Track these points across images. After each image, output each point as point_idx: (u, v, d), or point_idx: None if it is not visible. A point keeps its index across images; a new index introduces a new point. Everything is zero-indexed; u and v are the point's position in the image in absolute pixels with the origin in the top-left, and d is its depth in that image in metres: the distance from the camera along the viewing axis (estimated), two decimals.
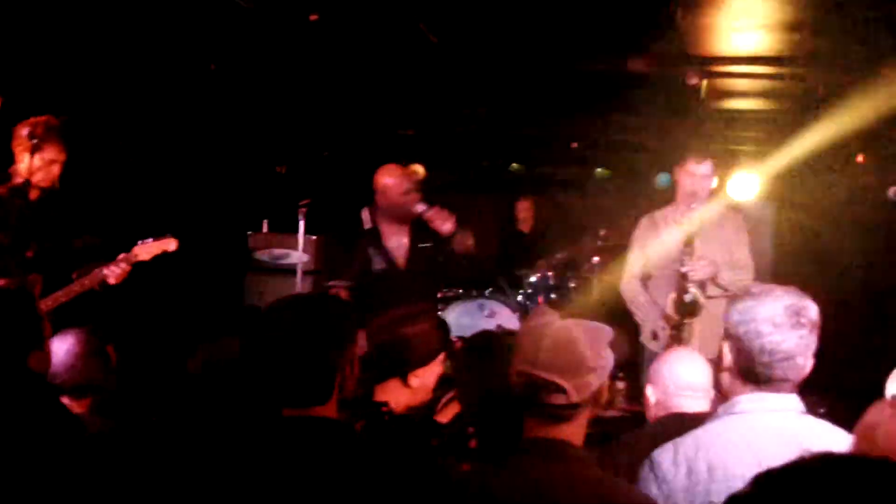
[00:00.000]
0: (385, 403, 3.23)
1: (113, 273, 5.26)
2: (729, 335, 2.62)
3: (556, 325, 2.58)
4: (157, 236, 5.47)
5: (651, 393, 3.76)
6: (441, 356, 3.44)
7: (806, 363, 2.56)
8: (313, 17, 5.91)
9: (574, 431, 2.53)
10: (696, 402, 3.62)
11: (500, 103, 8.95)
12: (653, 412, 3.76)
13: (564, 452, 2.50)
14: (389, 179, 5.94)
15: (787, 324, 2.51)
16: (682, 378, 3.67)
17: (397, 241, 6.06)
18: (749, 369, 2.57)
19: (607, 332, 2.63)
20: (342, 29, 6.32)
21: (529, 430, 2.55)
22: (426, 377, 3.39)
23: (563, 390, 2.48)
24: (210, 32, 6.32)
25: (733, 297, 2.68)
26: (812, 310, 2.56)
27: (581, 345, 2.52)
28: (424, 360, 3.38)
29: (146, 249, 5.44)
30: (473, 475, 2.71)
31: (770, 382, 2.56)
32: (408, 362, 3.34)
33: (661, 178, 10.02)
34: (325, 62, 7.11)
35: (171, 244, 5.53)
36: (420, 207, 5.83)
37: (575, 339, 2.53)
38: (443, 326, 3.56)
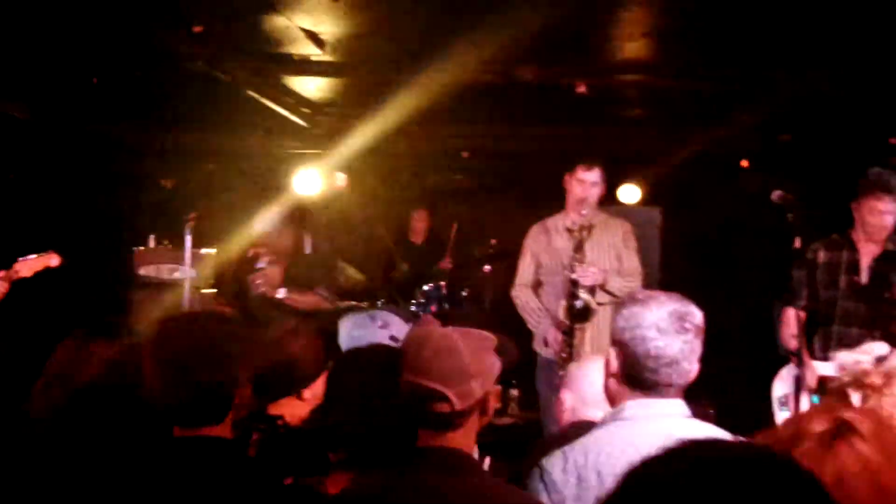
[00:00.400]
0: (280, 417, 3.22)
1: None
2: (615, 341, 2.63)
3: (437, 333, 2.59)
4: (39, 253, 5.32)
5: (567, 398, 3.73)
6: (330, 364, 3.39)
7: (691, 368, 2.58)
8: (198, 30, 5.83)
9: (462, 440, 2.51)
10: None
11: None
12: (567, 417, 3.75)
13: (453, 462, 2.48)
14: None
15: (671, 329, 2.53)
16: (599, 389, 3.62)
17: None
18: (635, 375, 2.58)
19: (490, 339, 2.64)
20: (224, 39, 6.24)
21: (420, 440, 2.53)
22: (318, 387, 3.36)
23: (445, 398, 2.47)
24: (91, 44, 6.18)
25: (618, 304, 2.69)
26: (696, 315, 2.58)
27: (462, 352, 2.52)
28: (314, 374, 3.36)
29: (27, 266, 5.30)
30: (364, 488, 2.68)
31: (656, 388, 2.57)
32: (299, 380, 3.33)
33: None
34: (208, 73, 7.00)
35: (52, 259, 5.39)
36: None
37: (455, 347, 2.53)
38: (324, 335, 3.56)
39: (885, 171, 5.32)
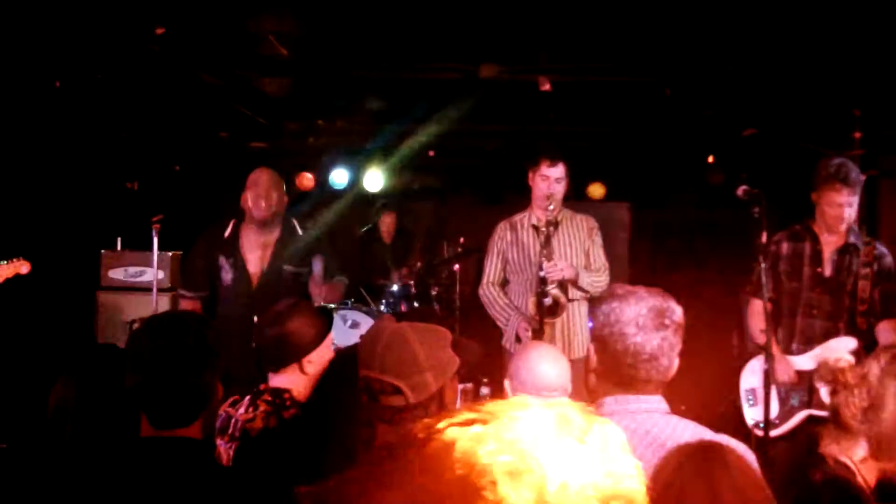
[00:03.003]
0: (287, 391, 3.48)
1: None
2: (595, 337, 2.64)
3: (390, 328, 2.64)
4: (8, 258, 5.28)
5: (509, 388, 3.73)
6: (329, 337, 3.64)
7: (671, 364, 2.59)
8: (159, 31, 5.80)
9: None
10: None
11: (356, 112, 8.94)
12: None
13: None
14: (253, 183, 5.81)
15: (650, 325, 2.54)
16: (540, 377, 3.62)
17: (257, 254, 5.82)
18: (615, 370, 2.59)
19: (444, 333, 2.70)
20: (188, 42, 6.22)
21: (380, 436, 2.55)
22: (319, 360, 3.58)
23: (399, 391, 2.49)
24: (53, 49, 6.14)
25: (598, 299, 2.70)
26: (676, 311, 2.59)
27: (414, 345, 2.57)
28: (315, 343, 3.56)
29: None
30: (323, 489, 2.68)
31: (635, 383, 2.58)
32: (301, 349, 3.53)
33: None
34: (173, 76, 6.98)
35: (23, 267, 5.36)
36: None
37: (407, 340, 2.58)
38: (322, 311, 3.78)
39: (844, 161, 5.33)
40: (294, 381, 3.54)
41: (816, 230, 5.46)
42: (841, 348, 5.22)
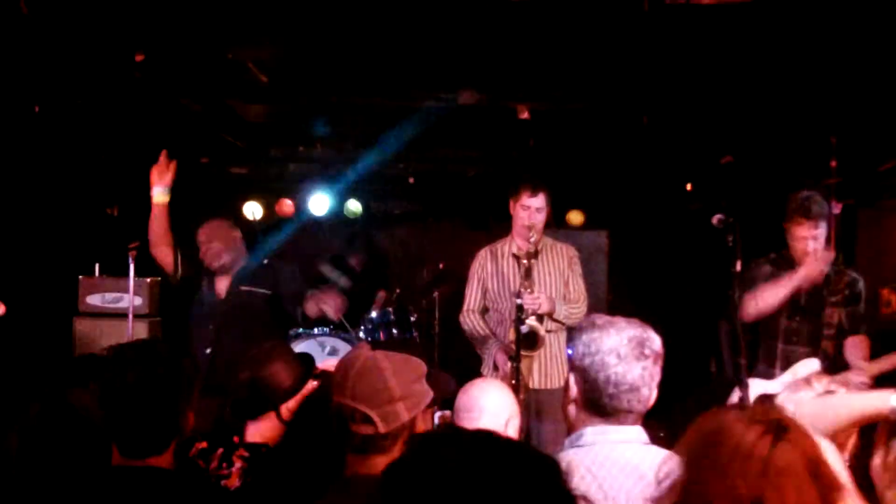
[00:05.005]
0: (265, 445, 3.33)
1: None
2: (574, 367, 2.63)
3: (364, 356, 2.62)
4: None
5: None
6: (310, 383, 3.47)
7: (650, 394, 2.60)
8: (139, 58, 5.79)
9: None
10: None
11: (333, 139, 8.94)
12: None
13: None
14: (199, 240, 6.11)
15: (631, 355, 2.54)
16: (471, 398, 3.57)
17: (223, 283, 6.15)
18: (594, 401, 2.59)
19: (419, 364, 2.69)
20: (168, 68, 6.21)
21: (349, 466, 2.54)
22: (296, 406, 3.44)
23: (370, 420, 2.48)
24: (32, 73, 6.12)
25: (577, 329, 2.69)
26: (655, 341, 2.60)
27: (386, 374, 2.55)
28: (294, 390, 3.42)
29: None
30: None
31: (615, 414, 2.58)
32: (279, 396, 3.38)
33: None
34: (152, 101, 6.97)
35: None
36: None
37: (380, 369, 2.57)
38: (301, 357, 3.61)
39: (810, 194, 5.41)
40: (272, 428, 3.38)
41: (793, 258, 5.51)
42: (806, 371, 5.30)
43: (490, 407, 3.49)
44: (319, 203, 10.17)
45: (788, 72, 6.07)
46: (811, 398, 4.09)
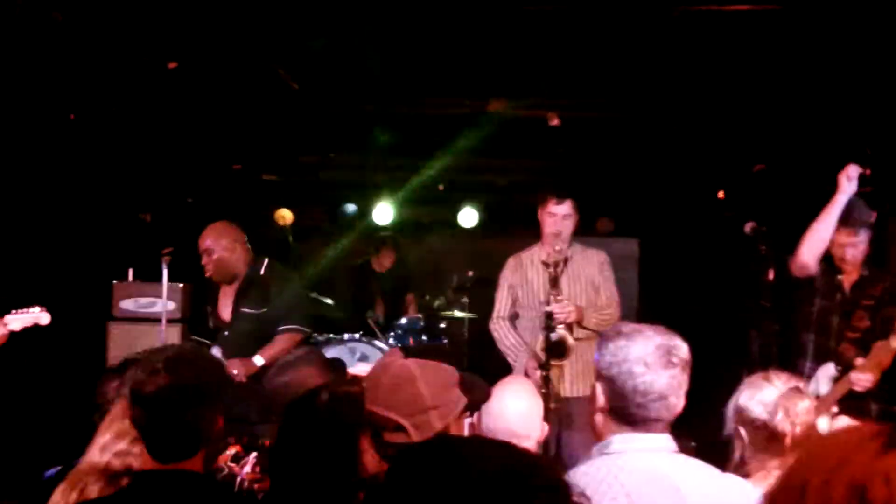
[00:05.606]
0: None
1: None
2: (601, 376, 2.61)
3: (397, 364, 2.61)
4: (27, 305, 5.43)
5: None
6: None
7: (678, 402, 2.57)
8: (172, 65, 5.85)
9: None
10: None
11: (361, 145, 8.97)
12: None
13: None
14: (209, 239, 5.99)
15: (659, 363, 2.51)
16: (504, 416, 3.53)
17: (225, 302, 6.14)
18: (622, 409, 2.56)
19: (452, 372, 2.65)
20: (202, 76, 6.25)
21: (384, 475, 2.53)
22: None
23: (402, 428, 2.47)
24: (69, 80, 6.18)
25: (602, 337, 2.66)
26: (683, 349, 2.57)
27: (418, 383, 2.53)
28: None
29: (19, 321, 5.50)
30: None
31: (643, 422, 2.55)
32: None
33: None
34: (185, 109, 7.02)
35: (43, 318, 5.53)
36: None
37: (412, 377, 2.54)
38: (332, 363, 3.64)
39: (852, 200, 5.36)
40: None
41: (837, 264, 5.49)
42: (825, 375, 5.28)
43: (511, 405, 3.51)
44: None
45: (821, 79, 6.04)
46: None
